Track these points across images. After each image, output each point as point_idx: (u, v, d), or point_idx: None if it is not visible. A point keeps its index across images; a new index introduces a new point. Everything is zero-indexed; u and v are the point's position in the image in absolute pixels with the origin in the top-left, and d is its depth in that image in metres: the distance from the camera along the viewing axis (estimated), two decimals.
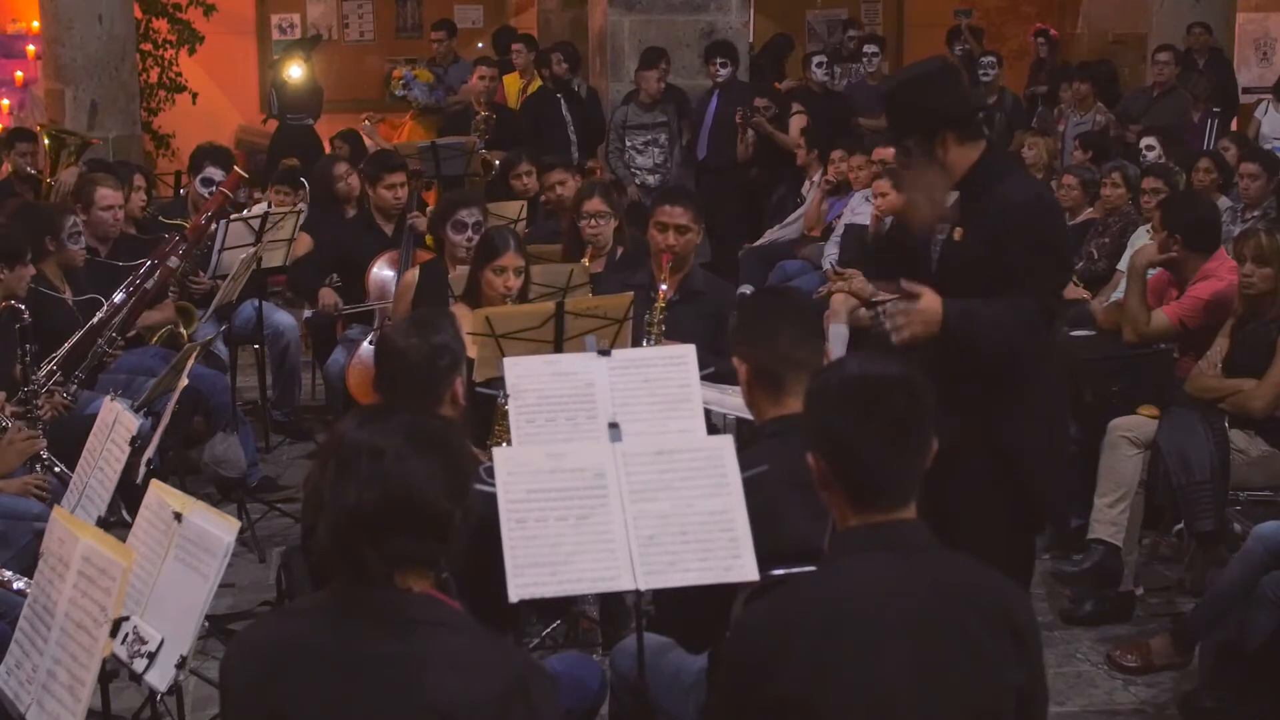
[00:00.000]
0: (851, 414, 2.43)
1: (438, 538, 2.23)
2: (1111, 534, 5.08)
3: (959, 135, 3.92)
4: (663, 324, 5.04)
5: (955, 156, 3.93)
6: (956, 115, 3.96)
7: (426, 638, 2.20)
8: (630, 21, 10.07)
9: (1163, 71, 10.08)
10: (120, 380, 5.74)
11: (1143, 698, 4.59)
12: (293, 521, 5.87)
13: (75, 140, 8.41)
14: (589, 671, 3.50)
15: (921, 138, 3.96)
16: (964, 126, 3.95)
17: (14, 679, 3.08)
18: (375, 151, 8.28)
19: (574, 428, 3.53)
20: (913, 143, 4.01)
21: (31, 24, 12.13)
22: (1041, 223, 3.93)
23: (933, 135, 3.93)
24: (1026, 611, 2.50)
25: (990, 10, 14.41)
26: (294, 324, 7.35)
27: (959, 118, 3.96)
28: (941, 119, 3.93)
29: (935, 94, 3.97)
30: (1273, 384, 5.02)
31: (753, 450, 3.23)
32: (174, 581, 3.14)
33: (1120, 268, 6.72)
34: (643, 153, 9.61)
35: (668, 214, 5.27)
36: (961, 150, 3.93)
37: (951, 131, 3.91)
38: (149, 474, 4.16)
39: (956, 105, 4.00)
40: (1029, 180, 4.06)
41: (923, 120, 3.95)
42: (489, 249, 5.04)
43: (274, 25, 14.29)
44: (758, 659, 2.38)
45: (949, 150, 3.92)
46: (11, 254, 5.21)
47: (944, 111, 3.95)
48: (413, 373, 3.55)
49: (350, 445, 2.23)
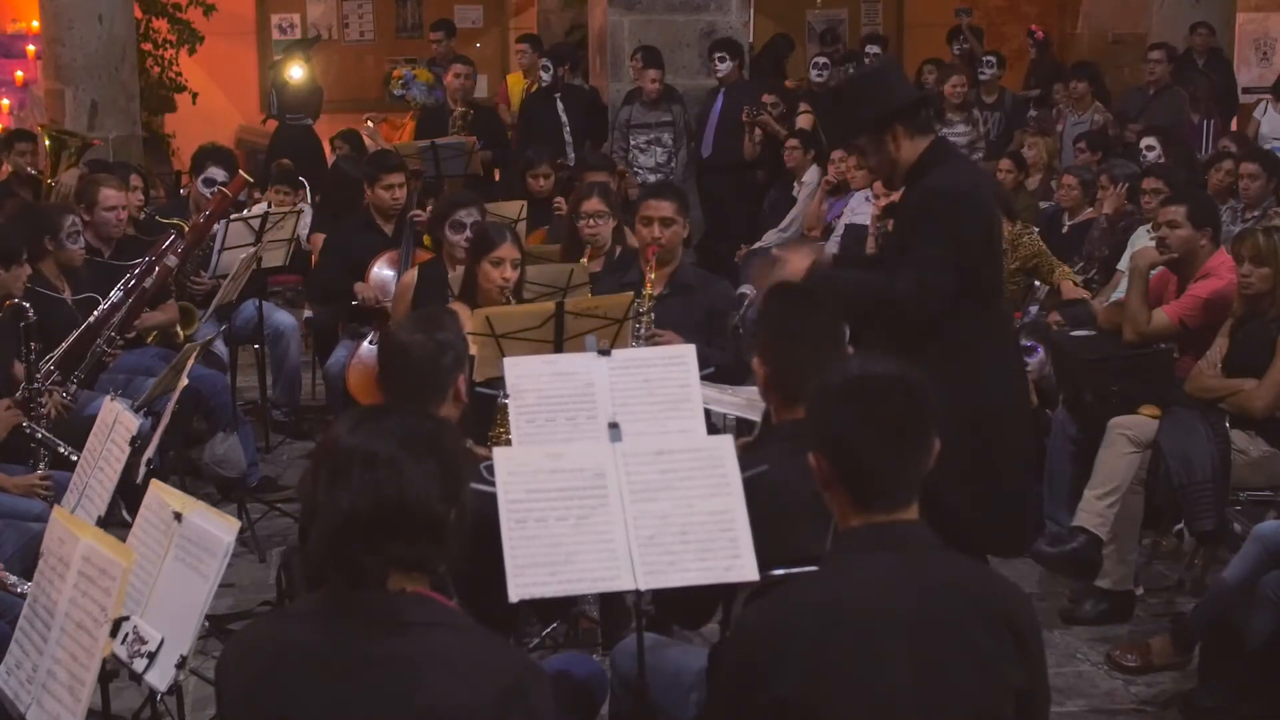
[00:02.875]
0: (853, 415, 2.43)
1: (433, 541, 2.23)
2: (1096, 525, 5.07)
3: (908, 128, 4.01)
4: (652, 314, 5.07)
5: (906, 150, 4.02)
6: (903, 108, 4.03)
7: (423, 639, 2.20)
8: (630, 21, 10.07)
9: (1155, 70, 10.08)
10: (120, 380, 5.74)
11: (1143, 698, 4.59)
12: (293, 521, 5.87)
13: (76, 141, 8.41)
14: (589, 671, 3.50)
15: (872, 134, 4.04)
16: (912, 119, 4.03)
17: (14, 679, 3.08)
18: (374, 152, 8.28)
19: (574, 428, 3.53)
20: (864, 140, 4.11)
21: (31, 24, 12.13)
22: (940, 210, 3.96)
23: (883, 130, 4.01)
24: (1028, 612, 2.50)
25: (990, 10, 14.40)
26: (294, 324, 7.35)
27: (907, 110, 4.03)
28: (890, 113, 4.00)
29: (881, 90, 4.06)
30: (1273, 384, 5.02)
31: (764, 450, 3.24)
32: (174, 581, 3.14)
33: (1120, 267, 6.72)
34: (645, 152, 9.60)
35: (653, 208, 5.36)
36: (912, 144, 4.03)
37: (901, 125, 4.00)
38: (149, 474, 4.16)
39: (902, 98, 4.07)
40: (955, 171, 4.10)
41: (871, 116, 4.02)
42: (485, 242, 5.06)
43: (274, 25, 14.29)
44: (758, 660, 2.38)
45: (900, 144, 4.02)
46: (7, 254, 5.21)
47: (891, 105, 4.02)
48: (416, 369, 3.56)
49: (343, 451, 2.22)
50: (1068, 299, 6.72)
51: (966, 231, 4.00)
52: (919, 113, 4.12)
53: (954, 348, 3.97)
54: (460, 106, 9.60)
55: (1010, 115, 10.45)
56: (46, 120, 9.87)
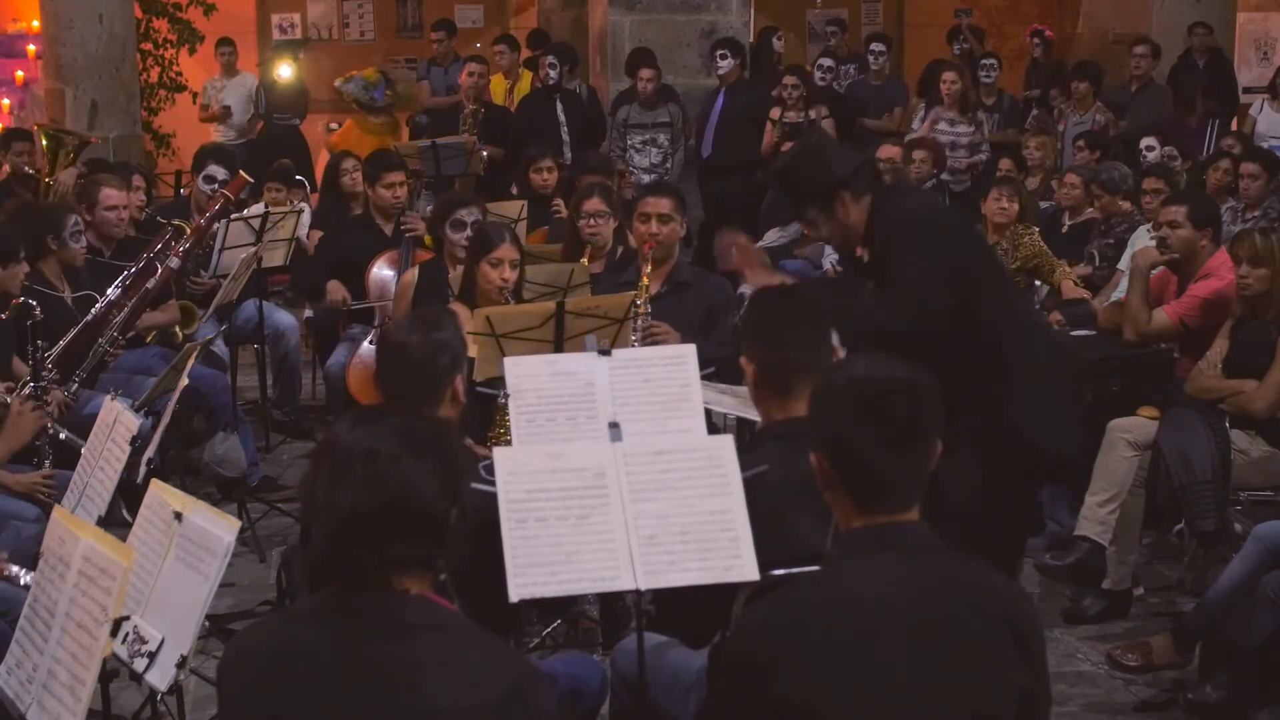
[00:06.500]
0: (856, 416, 2.42)
1: (434, 540, 2.22)
2: (1098, 533, 5.08)
3: (852, 193, 4.28)
4: (648, 309, 5.09)
5: (854, 213, 4.29)
6: (845, 176, 4.30)
7: (423, 641, 2.20)
8: (630, 21, 10.07)
9: (1140, 65, 10.08)
10: (120, 380, 5.74)
11: (1143, 698, 4.59)
12: (293, 521, 5.87)
13: (73, 140, 8.39)
14: (589, 671, 3.50)
15: (822, 205, 4.32)
16: (854, 183, 4.30)
17: (14, 678, 3.08)
18: (375, 151, 8.30)
19: (574, 427, 3.54)
20: (815, 211, 4.37)
21: (32, 23, 12.14)
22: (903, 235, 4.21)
23: (830, 201, 4.29)
24: (1029, 613, 2.50)
25: (990, 10, 14.40)
26: (295, 324, 7.36)
27: (847, 178, 4.30)
28: (833, 183, 4.28)
29: (819, 165, 4.35)
30: (1273, 386, 5.02)
31: (758, 452, 3.23)
32: (174, 581, 3.15)
33: (1120, 267, 6.72)
34: (641, 152, 9.60)
35: (651, 205, 5.39)
36: (858, 206, 4.29)
37: (845, 191, 4.28)
38: (149, 474, 4.17)
39: (841, 167, 4.34)
40: (903, 204, 4.41)
41: (816, 188, 4.31)
42: (484, 242, 5.06)
43: (274, 25, 14.29)
44: (758, 661, 2.37)
45: (849, 209, 4.30)
46: (4, 252, 5.22)
47: (833, 175, 4.30)
48: (414, 369, 3.55)
49: (344, 448, 2.22)
50: (1068, 299, 6.72)
51: (934, 242, 4.23)
52: (858, 176, 4.35)
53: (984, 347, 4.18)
54: (472, 105, 9.66)
55: (1009, 116, 10.46)
56: (47, 120, 9.87)
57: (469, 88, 9.76)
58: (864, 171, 4.40)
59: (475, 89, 9.76)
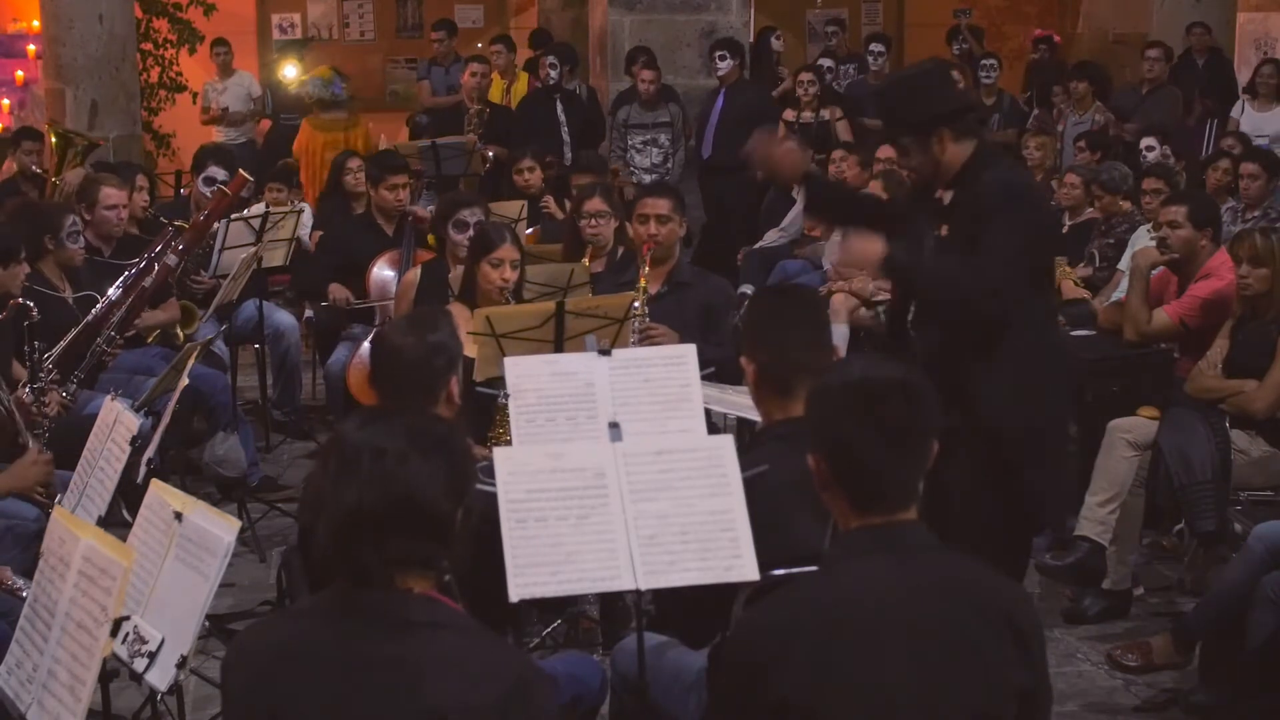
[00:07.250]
0: (853, 417, 2.42)
1: (439, 539, 2.23)
2: (1098, 533, 5.08)
3: (954, 132, 4.07)
4: (645, 310, 5.09)
5: (951, 153, 4.08)
6: (951, 112, 4.10)
7: (426, 640, 2.20)
8: (630, 21, 10.07)
9: (1153, 68, 10.08)
10: (120, 380, 5.74)
11: (1143, 698, 4.59)
12: (293, 521, 5.86)
13: (82, 141, 8.40)
14: (589, 671, 3.50)
15: (918, 135, 4.10)
16: (958, 123, 4.08)
17: (14, 679, 3.08)
18: (378, 151, 8.31)
19: (574, 427, 3.54)
20: (909, 140, 4.16)
21: (32, 23, 12.13)
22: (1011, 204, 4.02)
23: (929, 132, 4.07)
24: (1029, 613, 2.49)
25: (990, 10, 14.41)
26: (295, 324, 7.36)
27: (953, 115, 4.09)
28: (936, 116, 4.07)
29: (929, 92, 4.13)
30: (1273, 386, 5.02)
31: (758, 452, 3.23)
32: (174, 581, 3.15)
33: (1121, 267, 6.72)
34: (641, 152, 9.60)
35: (650, 205, 5.38)
36: (957, 147, 4.08)
37: (947, 128, 4.06)
38: (149, 474, 4.16)
39: (950, 102, 4.14)
40: (1013, 170, 4.22)
41: (917, 118, 4.09)
42: (485, 242, 5.06)
43: (274, 25, 14.30)
44: (758, 661, 2.37)
45: (945, 147, 4.08)
46: (4, 252, 5.21)
47: (938, 109, 4.09)
48: (409, 371, 3.54)
49: (352, 445, 2.22)
50: (1068, 299, 6.72)
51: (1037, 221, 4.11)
52: (964, 117, 4.18)
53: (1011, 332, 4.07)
54: (476, 105, 9.65)
55: (1008, 117, 10.45)
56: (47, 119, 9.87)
57: (472, 88, 9.75)
58: (971, 116, 4.24)
59: (478, 89, 9.76)
